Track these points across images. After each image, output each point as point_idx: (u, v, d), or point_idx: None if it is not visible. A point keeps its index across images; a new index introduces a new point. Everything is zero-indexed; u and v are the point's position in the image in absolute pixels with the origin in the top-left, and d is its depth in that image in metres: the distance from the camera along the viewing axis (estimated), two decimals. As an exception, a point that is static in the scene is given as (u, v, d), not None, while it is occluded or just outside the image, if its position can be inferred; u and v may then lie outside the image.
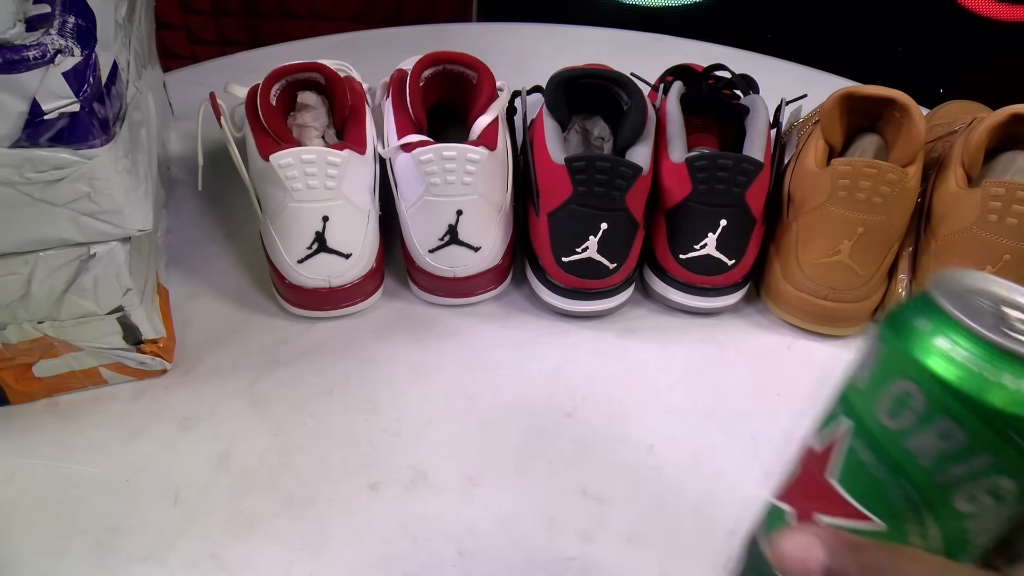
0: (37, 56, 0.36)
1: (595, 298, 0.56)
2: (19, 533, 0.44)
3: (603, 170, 0.50)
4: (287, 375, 0.53)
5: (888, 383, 0.24)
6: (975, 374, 0.22)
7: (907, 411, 0.23)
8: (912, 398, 0.23)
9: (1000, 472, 0.22)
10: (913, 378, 0.23)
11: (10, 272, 0.43)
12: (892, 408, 0.23)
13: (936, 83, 1.15)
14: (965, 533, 0.24)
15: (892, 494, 0.24)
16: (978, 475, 0.22)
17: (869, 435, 0.24)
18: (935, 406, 0.22)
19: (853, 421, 0.25)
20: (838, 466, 0.25)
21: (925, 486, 0.23)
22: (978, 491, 0.23)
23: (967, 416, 0.22)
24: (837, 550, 0.23)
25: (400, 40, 0.86)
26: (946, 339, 0.23)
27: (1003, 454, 0.22)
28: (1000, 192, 0.49)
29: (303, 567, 0.43)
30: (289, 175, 0.50)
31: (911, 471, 0.23)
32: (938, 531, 0.24)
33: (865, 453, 0.24)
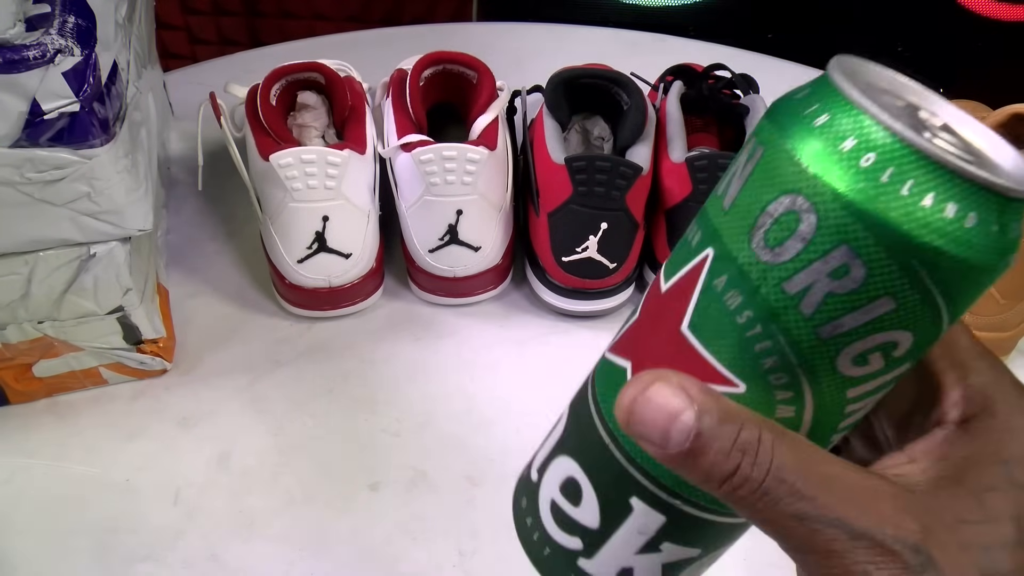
0: (37, 56, 0.36)
1: (595, 298, 0.56)
2: (19, 533, 0.44)
3: (603, 170, 0.50)
4: (287, 375, 0.53)
5: (766, 199, 0.18)
6: (887, 188, 0.16)
7: (790, 238, 0.17)
8: (799, 220, 0.17)
9: (900, 325, 0.18)
10: (803, 192, 0.17)
11: (10, 272, 0.43)
12: (770, 234, 0.18)
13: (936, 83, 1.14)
14: (843, 405, 0.19)
15: (760, 348, 0.18)
16: (873, 328, 0.18)
17: (736, 270, 0.18)
18: (830, 231, 0.17)
19: (715, 251, 0.19)
20: (692, 311, 0.19)
21: (804, 340, 0.18)
22: (870, 350, 0.18)
23: (871, 247, 0.17)
24: (711, 416, 0.18)
25: (400, 40, 0.86)
26: (850, 137, 0.17)
27: (908, 301, 0.17)
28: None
29: (303, 567, 0.43)
30: (289, 175, 0.50)
31: (789, 319, 0.18)
32: (812, 401, 0.19)
33: (729, 294, 0.19)
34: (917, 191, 0.16)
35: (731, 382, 0.19)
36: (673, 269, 0.20)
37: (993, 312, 0.53)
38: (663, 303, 0.21)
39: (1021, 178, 0.18)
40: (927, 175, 0.16)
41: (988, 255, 0.17)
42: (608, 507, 0.22)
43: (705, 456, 0.18)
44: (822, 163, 0.17)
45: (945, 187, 0.16)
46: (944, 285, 0.17)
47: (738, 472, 0.18)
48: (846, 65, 0.19)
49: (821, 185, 0.17)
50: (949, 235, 0.16)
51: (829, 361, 0.18)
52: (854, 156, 0.17)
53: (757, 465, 0.18)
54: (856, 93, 0.17)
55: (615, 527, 0.22)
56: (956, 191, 0.16)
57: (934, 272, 0.17)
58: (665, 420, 0.18)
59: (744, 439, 0.18)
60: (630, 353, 0.22)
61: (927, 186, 0.16)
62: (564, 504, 0.24)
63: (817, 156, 0.17)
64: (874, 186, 0.16)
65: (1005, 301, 0.52)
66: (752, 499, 0.18)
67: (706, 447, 0.18)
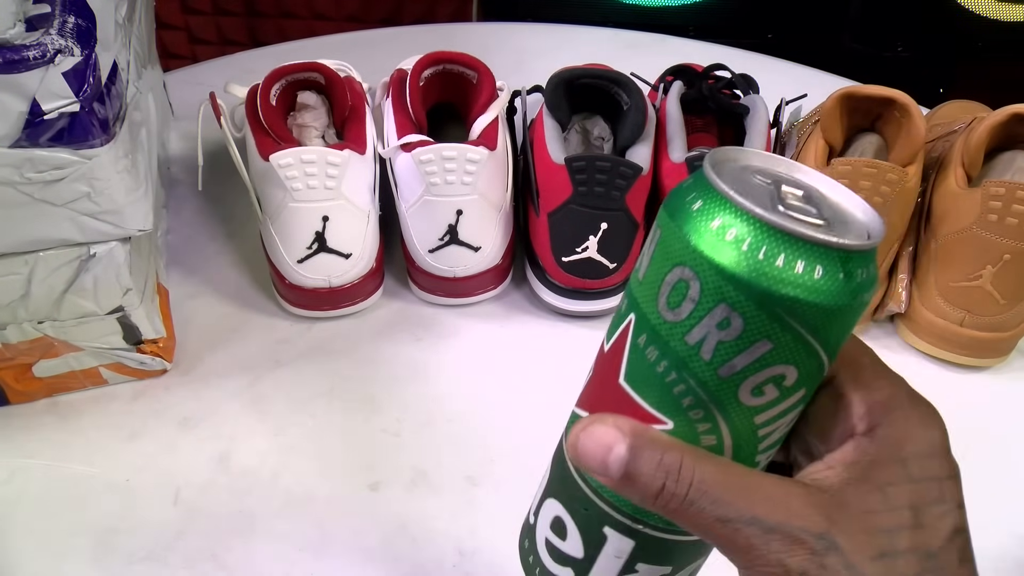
0: (37, 56, 0.36)
1: (595, 298, 0.56)
2: (19, 533, 0.44)
3: (603, 170, 0.50)
4: (287, 375, 0.53)
5: (665, 271, 0.22)
6: (748, 256, 0.20)
7: (685, 300, 0.21)
8: (689, 286, 0.21)
9: (782, 360, 0.21)
10: (688, 263, 0.21)
11: (10, 272, 0.43)
12: (670, 298, 0.22)
13: (936, 83, 1.15)
14: (755, 430, 0.23)
15: (678, 391, 0.22)
16: (760, 365, 0.21)
17: (651, 329, 0.22)
18: (711, 293, 0.21)
19: (635, 315, 0.23)
20: (625, 366, 0.23)
21: (709, 380, 0.22)
22: (763, 382, 0.22)
23: (743, 302, 0.21)
24: (639, 446, 0.22)
25: (400, 40, 0.86)
26: (719, 219, 0.21)
27: (783, 341, 0.21)
28: (1000, 192, 0.49)
29: (303, 567, 0.43)
30: (289, 175, 0.50)
31: (693, 365, 0.22)
32: (728, 429, 0.22)
33: (649, 349, 0.23)
34: (771, 255, 0.20)
35: (661, 420, 0.23)
36: (611, 332, 0.25)
37: (993, 312, 0.53)
38: (605, 361, 0.25)
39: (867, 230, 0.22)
40: (777, 242, 0.20)
41: (840, 298, 0.21)
42: (588, 538, 0.26)
43: (638, 479, 0.22)
44: (699, 240, 0.21)
45: (792, 249, 0.20)
46: (808, 326, 0.21)
47: (664, 489, 0.22)
48: (717, 156, 0.23)
49: (700, 257, 0.21)
50: (801, 286, 0.20)
51: (732, 395, 0.22)
52: (721, 233, 0.21)
53: (680, 481, 0.22)
54: (719, 182, 0.21)
55: (596, 555, 0.26)
56: (802, 252, 0.20)
57: (796, 317, 0.21)
58: (603, 452, 0.22)
59: (667, 461, 0.22)
60: (587, 405, 0.26)
61: (778, 250, 0.20)
62: (555, 540, 0.28)
63: (695, 234, 0.21)
64: (738, 254, 0.20)
65: (1005, 301, 0.52)
66: (680, 510, 0.22)
67: (637, 471, 0.22)
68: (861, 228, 0.22)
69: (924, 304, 0.56)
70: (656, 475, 0.22)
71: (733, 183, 0.21)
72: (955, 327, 0.54)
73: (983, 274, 0.52)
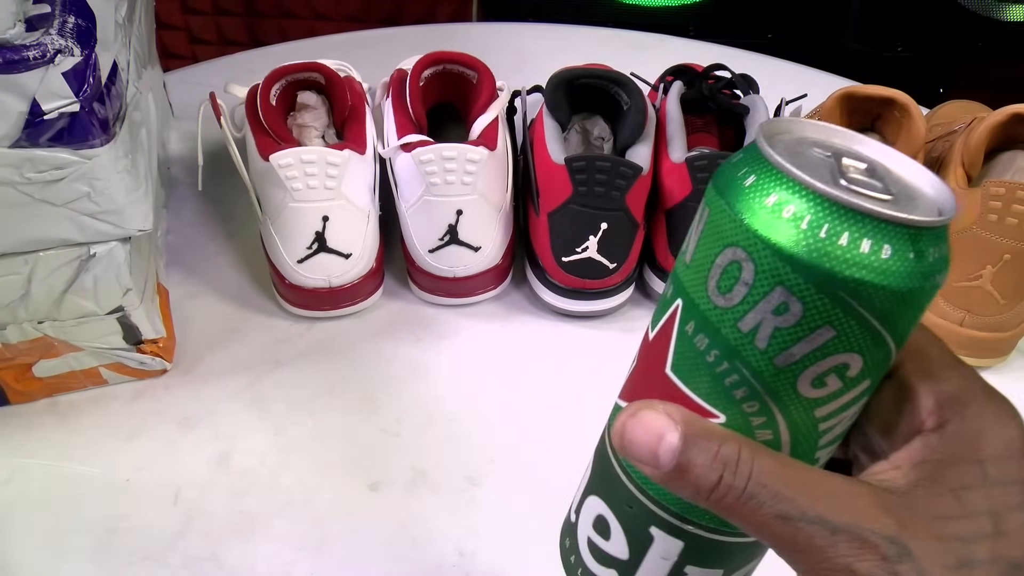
0: (37, 56, 0.36)
1: (595, 298, 0.56)
2: (19, 533, 0.44)
3: (603, 170, 0.50)
4: (287, 375, 0.53)
5: (715, 253, 0.20)
6: (808, 234, 0.19)
7: (737, 284, 0.20)
8: (741, 268, 0.20)
9: (846, 348, 0.20)
10: (740, 244, 0.20)
11: (10, 272, 0.43)
12: (721, 282, 0.20)
13: (936, 83, 1.15)
14: (815, 424, 0.21)
15: (731, 382, 0.21)
16: (822, 354, 0.20)
17: (700, 316, 0.21)
18: (766, 275, 0.19)
19: (683, 301, 0.21)
20: (672, 355, 0.22)
21: (764, 370, 0.20)
22: (824, 372, 0.20)
23: (803, 285, 0.19)
24: (693, 437, 0.20)
25: (400, 40, 0.86)
26: (774, 194, 0.19)
27: (847, 327, 0.19)
28: (1000, 192, 0.49)
29: (303, 567, 0.43)
30: (289, 175, 0.50)
31: (747, 354, 0.20)
32: (785, 423, 0.21)
33: (698, 337, 0.21)
34: (834, 233, 0.19)
35: (712, 414, 0.21)
36: (656, 319, 0.23)
37: (993, 312, 0.53)
38: (651, 350, 0.23)
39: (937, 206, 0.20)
40: (840, 218, 0.19)
41: (910, 280, 0.19)
42: (633, 538, 0.25)
43: (691, 471, 0.20)
44: (753, 218, 0.19)
45: (857, 227, 0.19)
46: (875, 311, 0.19)
47: (721, 482, 0.20)
48: (771, 128, 0.21)
49: (754, 237, 0.19)
50: (868, 267, 0.19)
51: (791, 386, 0.20)
52: (777, 210, 0.19)
53: (738, 474, 0.20)
54: (775, 155, 0.19)
55: (642, 556, 0.25)
56: (868, 229, 0.19)
57: (862, 301, 0.19)
58: (653, 441, 0.20)
59: (724, 453, 0.20)
60: (631, 397, 0.24)
61: (841, 228, 0.19)
62: (597, 540, 0.26)
63: (748, 213, 0.19)
64: (797, 233, 0.19)
65: (1005, 301, 0.52)
66: (737, 505, 0.20)
67: (691, 463, 0.20)
68: (931, 204, 0.20)
69: (924, 304, 0.56)
70: (712, 467, 0.20)
71: (789, 156, 0.20)
72: (955, 327, 0.54)
73: (983, 274, 0.52)
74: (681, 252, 0.22)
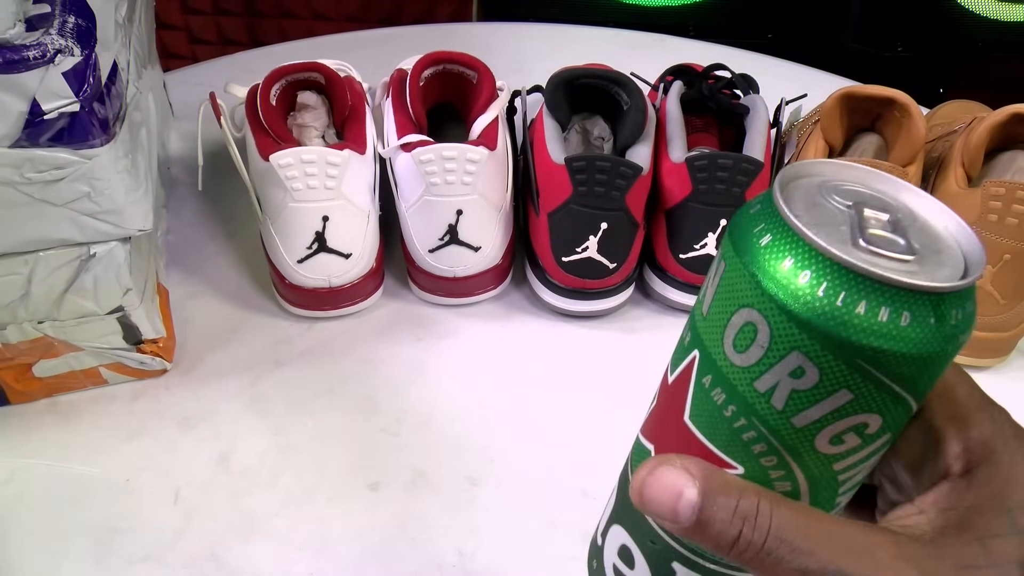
0: (37, 56, 0.36)
1: (595, 298, 0.56)
2: (19, 533, 0.44)
3: (603, 170, 0.50)
4: (287, 375, 0.53)
5: (731, 311, 0.20)
6: (824, 302, 0.18)
7: (753, 345, 0.19)
8: (757, 330, 0.19)
9: (865, 410, 0.19)
10: (756, 307, 0.19)
11: (10, 272, 0.43)
12: (737, 341, 0.20)
13: (936, 83, 1.15)
14: (834, 476, 0.21)
15: (748, 437, 0.20)
16: (840, 415, 0.19)
17: (717, 371, 0.20)
18: (782, 340, 0.19)
19: (700, 353, 0.21)
20: (690, 404, 0.22)
21: (782, 429, 0.20)
22: (843, 431, 0.20)
23: (819, 352, 0.18)
24: (712, 492, 0.20)
25: (400, 40, 0.86)
26: (790, 258, 0.19)
27: (865, 391, 0.19)
28: (1000, 192, 0.49)
29: (303, 567, 0.43)
30: (289, 175, 0.50)
31: (765, 413, 0.20)
32: (804, 476, 0.21)
33: (715, 391, 0.21)
34: (851, 301, 0.18)
35: (730, 465, 0.21)
36: (674, 363, 0.23)
37: (993, 312, 0.53)
38: (669, 395, 0.23)
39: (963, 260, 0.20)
40: (858, 286, 0.18)
41: (930, 346, 0.18)
42: (656, 571, 0.25)
43: (711, 526, 0.20)
44: (769, 282, 0.19)
45: (875, 295, 0.18)
46: (894, 376, 0.19)
47: (741, 537, 0.20)
48: (789, 175, 0.20)
49: (769, 301, 0.19)
50: (887, 335, 0.18)
51: (809, 444, 0.20)
52: (793, 275, 0.18)
53: (757, 529, 0.20)
54: (791, 216, 0.19)
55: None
56: (886, 297, 0.18)
57: (881, 368, 0.18)
58: (672, 498, 0.20)
59: (743, 507, 0.20)
60: (652, 437, 0.24)
61: (859, 296, 0.18)
62: (622, 568, 0.26)
63: (764, 276, 0.19)
64: (813, 300, 0.18)
65: (1005, 301, 0.52)
66: (758, 560, 0.20)
67: (711, 518, 0.20)
68: (956, 258, 0.20)
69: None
70: (732, 522, 0.20)
71: (806, 211, 0.19)
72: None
73: (983, 274, 0.52)
74: (698, 301, 0.22)
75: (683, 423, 0.22)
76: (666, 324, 0.58)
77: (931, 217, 0.21)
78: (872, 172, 0.21)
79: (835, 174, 0.21)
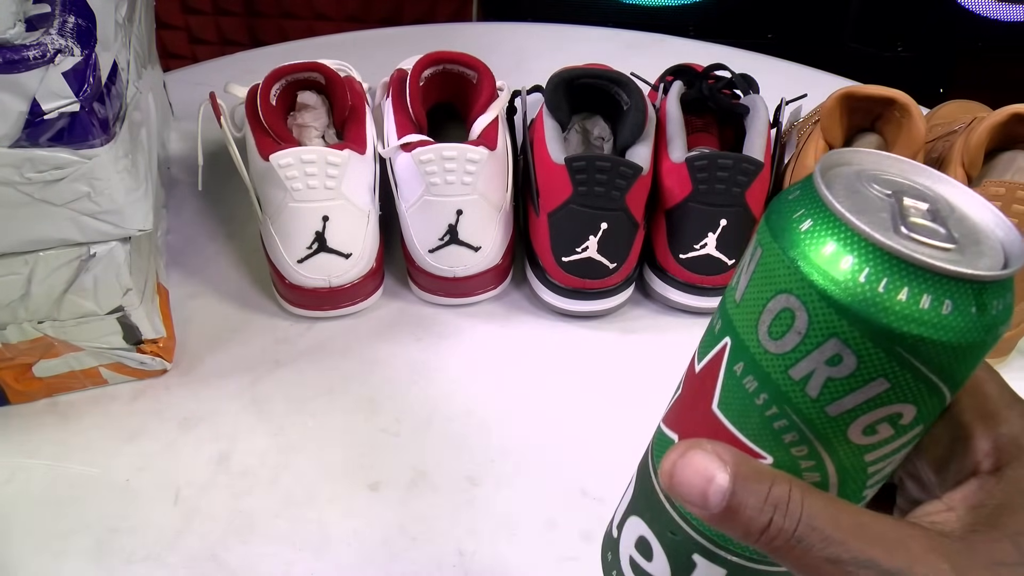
0: (37, 56, 0.36)
1: (595, 298, 0.56)
2: (19, 533, 0.44)
3: (603, 170, 0.50)
4: (287, 375, 0.53)
5: (767, 297, 0.20)
6: (865, 288, 0.18)
7: (790, 332, 0.19)
8: (794, 316, 0.19)
9: (900, 399, 0.19)
10: (794, 292, 0.19)
11: (10, 272, 0.43)
12: (773, 327, 0.19)
13: (936, 83, 1.15)
14: (865, 467, 0.21)
15: (779, 426, 0.20)
16: (875, 404, 0.19)
17: (750, 358, 0.20)
18: (820, 326, 0.19)
19: (732, 340, 0.21)
20: (719, 392, 0.21)
21: (815, 418, 0.20)
22: (877, 421, 0.20)
23: (858, 339, 0.18)
24: (743, 478, 0.20)
25: (400, 40, 0.86)
26: (831, 243, 0.18)
27: (902, 379, 0.19)
28: (1000, 192, 0.49)
29: (303, 567, 0.43)
30: (289, 175, 0.50)
31: (798, 401, 0.20)
32: (834, 466, 0.21)
33: (747, 379, 0.20)
34: (892, 288, 0.18)
35: (759, 454, 0.21)
36: (703, 352, 0.22)
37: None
38: (697, 382, 0.23)
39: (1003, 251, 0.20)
40: (900, 272, 0.18)
41: (971, 335, 0.18)
42: (675, 563, 0.24)
43: (741, 513, 0.20)
44: (808, 266, 0.19)
45: (917, 281, 0.18)
46: (933, 365, 0.19)
47: (772, 524, 0.20)
48: (829, 161, 0.20)
49: (808, 286, 0.19)
50: (928, 323, 0.18)
51: (841, 434, 0.20)
52: (834, 260, 0.18)
53: (788, 516, 0.20)
54: (833, 200, 0.19)
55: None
56: (929, 284, 0.18)
57: (920, 356, 0.18)
58: (702, 482, 0.20)
59: (775, 494, 0.20)
60: (676, 426, 0.24)
61: (901, 282, 0.18)
62: (640, 560, 0.26)
63: (803, 260, 0.19)
64: (854, 286, 0.18)
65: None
66: (787, 548, 0.20)
67: (741, 504, 0.20)
68: (996, 249, 0.20)
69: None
70: (763, 509, 0.20)
71: (847, 197, 0.19)
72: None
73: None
74: (730, 287, 0.22)
75: (711, 412, 0.22)
76: (666, 324, 0.58)
77: (969, 208, 0.21)
78: (910, 163, 0.21)
79: (874, 164, 0.21)
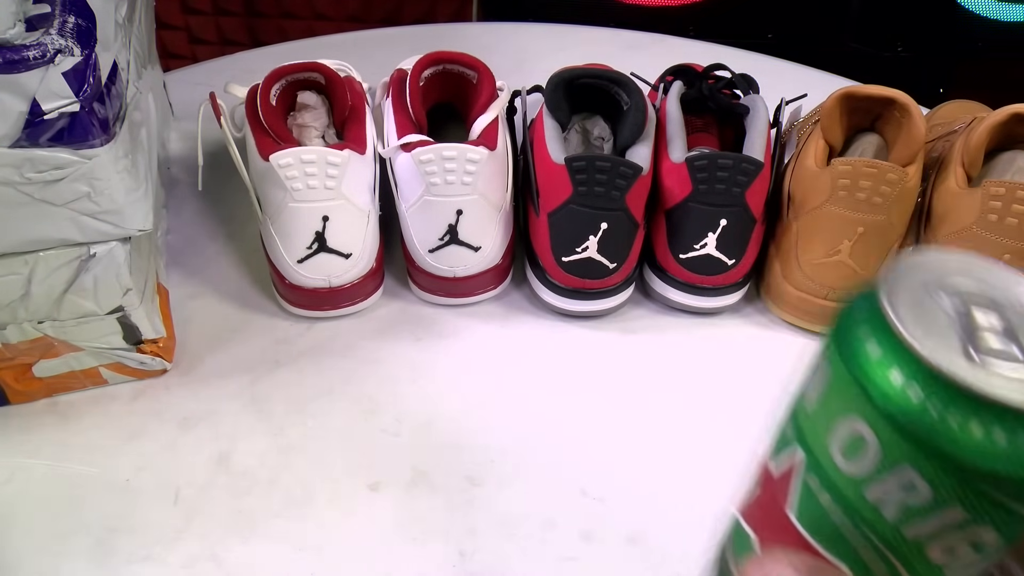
0: (37, 56, 0.36)
1: (595, 298, 0.56)
2: (19, 533, 0.44)
3: (603, 170, 0.50)
4: (287, 375, 0.53)
5: (837, 417, 0.19)
6: (938, 422, 0.17)
7: (862, 455, 0.19)
8: (866, 442, 0.18)
9: (980, 523, 0.18)
10: (866, 419, 0.18)
11: (10, 272, 0.43)
12: (846, 448, 0.19)
13: (936, 83, 1.15)
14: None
15: (855, 541, 0.20)
16: (954, 529, 0.19)
17: (824, 474, 0.20)
18: (892, 454, 0.18)
19: (805, 452, 0.21)
20: (795, 500, 0.21)
21: (892, 538, 0.19)
22: (957, 543, 0.19)
23: (931, 468, 0.18)
24: None
25: (400, 40, 0.86)
26: (898, 372, 0.18)
27: (979, 508, 0.18)
28: (1000, 192, 0.49)
29: (303, 567, 0.43)
30: (289, 175, 0.50)
31: (875, 522, 0.19)
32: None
33: (821, 494, 0.20)
34: (965, 421, 0.17)
35: (836, 566, 0.21)
36: (776, 453, 0.22)
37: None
38: (772, 484, 0.22)
39: None
40: (973, 407, 0.17)
41: None
42: None
43: None
44: (878, 396, 0.18)
45: (991, 415, 0.17)
46: (1011, 494, 0.18)
47: None
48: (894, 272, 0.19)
49: (880, 417, 0.18)
50: (1004, 457, 0.17)
51: (919, 554, 0.19)
52: (904, 391, 0.18)
53: None
54: (899, 325, 0.18)
55: None
56: (1003, 417, 0.17)
57: (999, 488, 0.18)
58: None
59: None
60: (754, 523, 0.24)
61: (974, 415, 0.17)
62: None
63: (872, 387, 0.18)
64: (925, 419, 0.17)
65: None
66: None
67: None
68: None
69: (924, 304, 0.55)
70: None
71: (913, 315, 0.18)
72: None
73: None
74: (800, 393, 0.21)
75: (785, 515, 0.22)
76: (666, 324, 0.58)
77: None
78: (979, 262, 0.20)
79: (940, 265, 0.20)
